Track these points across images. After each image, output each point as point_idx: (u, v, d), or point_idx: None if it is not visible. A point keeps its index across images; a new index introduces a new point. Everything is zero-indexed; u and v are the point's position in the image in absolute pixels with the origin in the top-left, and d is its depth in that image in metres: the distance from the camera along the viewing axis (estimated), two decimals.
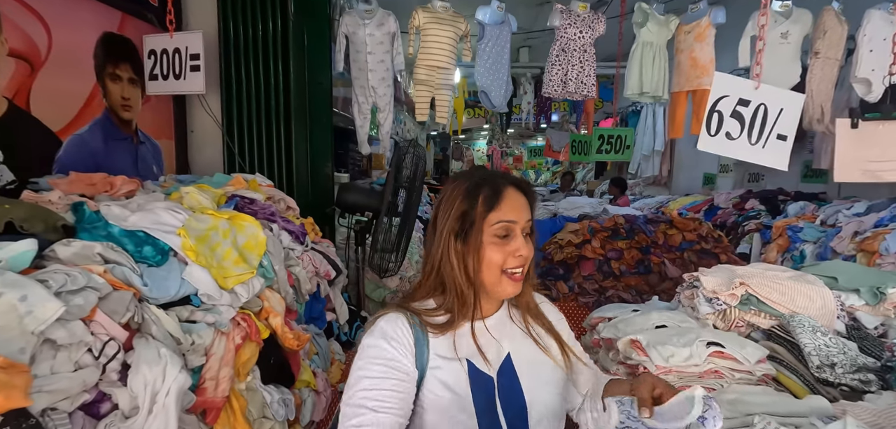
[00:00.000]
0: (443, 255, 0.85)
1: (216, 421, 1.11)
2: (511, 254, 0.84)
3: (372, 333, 0.83)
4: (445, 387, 0.81)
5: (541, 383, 0.87)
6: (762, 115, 1.53)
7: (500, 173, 0.90)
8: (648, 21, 2.41)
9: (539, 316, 0.95)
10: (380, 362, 0.78)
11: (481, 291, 0.88)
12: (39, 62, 1.60)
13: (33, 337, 0.76)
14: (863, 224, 3.17)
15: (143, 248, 1.13)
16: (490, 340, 0.88)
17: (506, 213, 0.84)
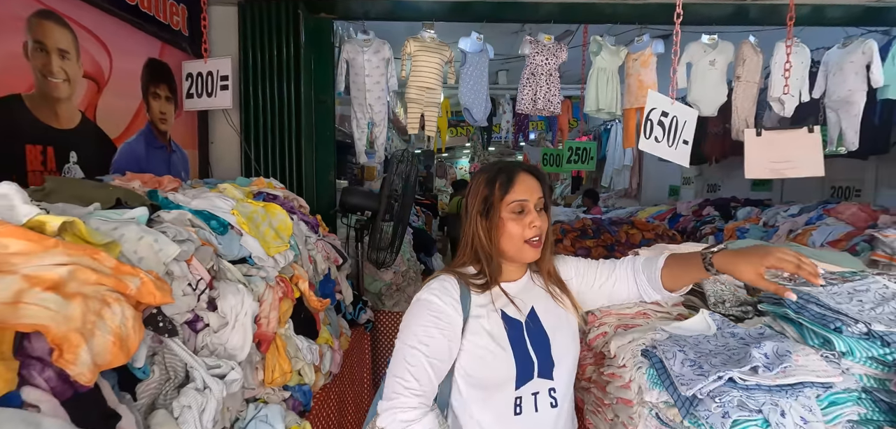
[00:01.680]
0: (473, 231, 1.08)
1: (267, 351, 1.47)
2: (527, 225, 1.05)
3: (424, 290, 1.06)
4: (485, 330, 1.03)
5: (559, 326, 1.09)
6: (675, 124, 1.99)
7: (515, 162, 1.14)
8: (602, 50, 2.90)
9: (557, 280, 1.16)
10: (430, 313, 1.01)
11: (506, 260, 1.11)
12: (104, 82, 1.96)
13: (163, 266, 1.12)
14: (796, 223, 3.71)
15: (210, 221, 1.48)
16: (517, 296, 1.09)
17: (518, 193, 1.06)
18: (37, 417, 0.72)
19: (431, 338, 0.99)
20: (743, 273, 0.96)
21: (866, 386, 0.98)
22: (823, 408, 0.93)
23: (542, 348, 1.05)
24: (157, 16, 2.26)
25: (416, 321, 1.02)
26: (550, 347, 1.06)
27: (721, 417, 0.90)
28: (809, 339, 1.07)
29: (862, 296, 1.14)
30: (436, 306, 1.02)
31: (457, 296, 1.04)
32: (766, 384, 0.93)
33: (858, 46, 2.85)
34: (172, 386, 1.10)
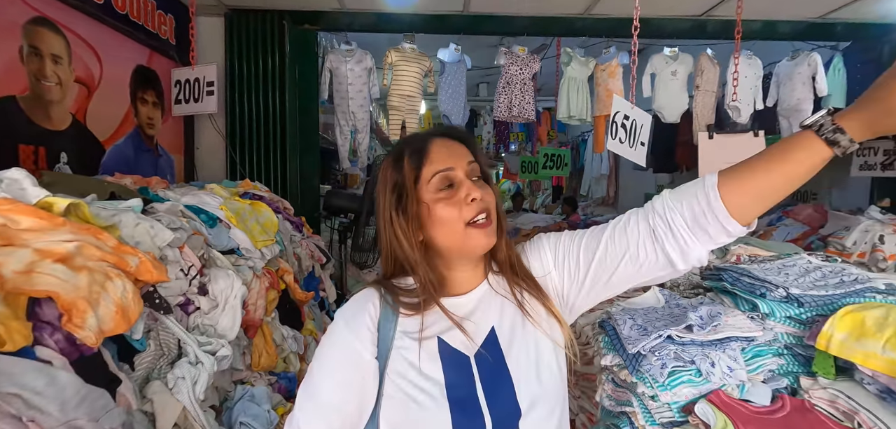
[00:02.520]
0: (389, 235, 0.77)
1: (254, 336, 1.55)
2: (463, 202, 0.73)
3: (340, 311, 0.78)
4: (411, 366, 0.72)
5: (529, 353, 0.74)
6: (634, 127, 2.17)
7: (426, 131, 0.82)
8: (572, 61, 3.09)
9: (526, 276, 0.79)
10: (337, 347, 0.75)
11: (451, 262, 0.78)
12: (94, 87, 2.03)
13: (158, 250, 1.21)
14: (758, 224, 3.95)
15: (200, 214, 1.57)
16: (468, 315, 0.77)
17: (438, 163, 0.75)
18: (51, 369, 0.81)
19: (332, 391, 0.73)
20: (891, 114, 0.58)
21: (787, 343, 1.13)
22: (748, 359, 1.07)
23: (501, 391, 0.71)
24: (145, 25, 2.35)
25: (319, 364, 0.75)
26: (514, 388, 0.72)
27: (660, 368, 1.03)
28: (741, 305, 1.22)
29: (789, 269, 1.30)
30: (342, 345, 0.74)
31: (374, 321, 0.75)
32: (699, 340, 1.07)
33: (805, 59, 3.11)
34: (166, 361, 1.18)
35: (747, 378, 1.03)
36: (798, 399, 1.02)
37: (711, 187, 0.66)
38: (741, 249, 2.02)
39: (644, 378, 1.07)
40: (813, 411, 0.98)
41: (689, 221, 0.68)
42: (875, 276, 1.22)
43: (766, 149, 0.67)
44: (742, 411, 0.97)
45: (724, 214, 0.65)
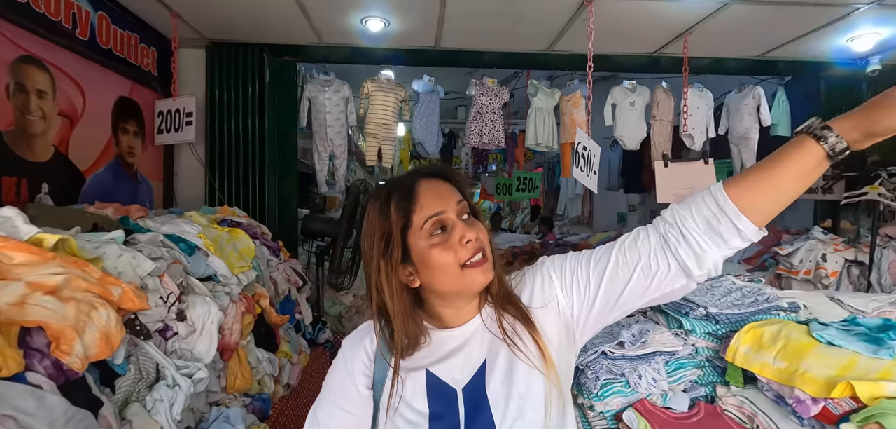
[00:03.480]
0: (375, 281, 0.77)
1: (229, 359, 1.63)
2: (458, 244, 0.74)
3: (346, 340, 0.84)
4: (401, 399, 0.75)
5: (516, 395, 0.74)
6: (589, 156, 2.35)
7: (411, 172, 0.80)
8: (539, 92, 3.29)
9: (518, 312, 0.79)
10: (335, 379, 0.82)
11: (446, 300, 0.79)
12: (77, 119, 2.11)
13: (139, 279, 1.30)
14: None
15: (179, 243, 1.66)
16: (460, 347, 0.78)
17: (428, 208, 0.74)
18: (41, 392, 0.89)
19: (331, 415, 0.80)
20: (891, 119, 0.62)
21: (707, 356, 1.28)
22: (671, 371, 1.22)
23: (483, 425, 0.74)
24: (128, 58, 2.44)
25: (325, 383, 0.83)
26: (494, 423, 0.73)
27: (594, 380, 1.17)
28: (671, 324, 1.38)
29: (715, 290, 1.47)
30: (339, 369, 0.82)
31: (369, 355, 0.80)
32: (629, 355, 1.21)
33: (750, 92, 3.39)
34: (145, 384, 1.26)
35: (668, 388, 1.18)
36: (713, 405, 1.17)
37: (719, 190, 0.68)
38: None
39: (581, 390, 1.21)
40: (722, 415, 1.13)
41: (701, 226, 0.68)
42: (783, 295, 1.39)
43: (770, 156, 0.69)
44: (661, 416, 1.11)
45: (736, 213, 0.66)
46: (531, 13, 2.52)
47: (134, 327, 1.24)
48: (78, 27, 2.09)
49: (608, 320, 0.79)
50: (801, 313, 1.31)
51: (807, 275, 3.16)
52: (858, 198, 3.05)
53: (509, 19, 2.59)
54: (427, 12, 2.50)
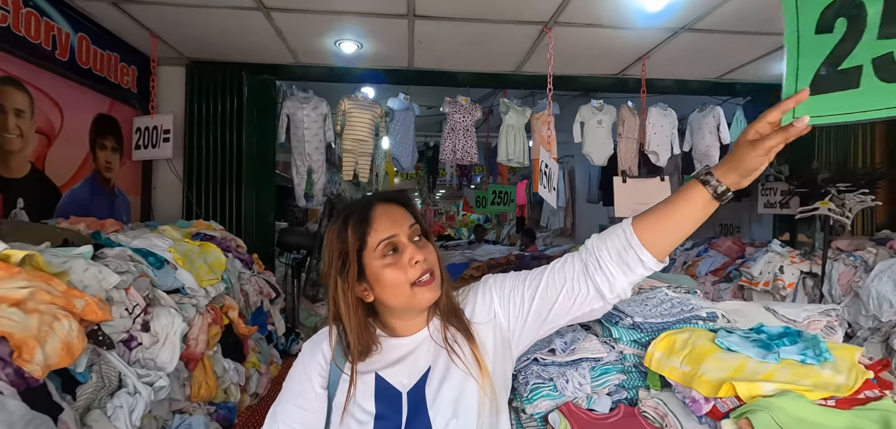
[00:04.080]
0: (337, 296, 0.83)
1: (194, 369, 1.71)
2: (408, 265, 0.81)
3: (304, 346, 0.91)
4: (352, 400, 0.82)
5: (451, 400, 0.82)
6: (550, 174, 2.48)
7: (368, 196, 0.89)
8: (510, 110, 3.43)
9: (460, 323, 0.87)
10: (295, 380, 0.88)
11: (397, 313, 0.86)
12: (54, 136, 2.19)
13: (104, 292, 1.38)
14: (688, 255, 4.34)
15: (147, 257, 1.74)
16: (407, 357, 0.86)
17: (381, 231, 0.81)
18: (1, 398, 0.97)
19: (281, 409, 0.88)
20: (749, 162, 0.73)
21: (634, 362, 1.39)
22: (597, 376, 1.33)
23: (420, 425, 0.82)
24: (108, 77, 2.53)
25: (284, 384, 0.90)
26: (430, 423, 0.81)
27: (524, 385, 1.27)
28: (604, 332, 1.49)
29: (648, 300, 1.58)
30: (297, 371, 0.88)
31: (326, 358, 0.86)
32: (558, 361, 1.31)
33: (710, 112, 3.55)
34: (107, 392, 1.34)
35: (592, 391, 1.28)
36: (632, 407, 1.28)
37: (628, 226, 0.80)
38: (645, 282, 2.32)
39: (515, 394, 1.31)
40: (638, 416, 1.23)
41: (614, 256, 0.80)
42: (705, 305, 1.51)
43: (668, 196, 0.81)
44: (582, 416, 1.21)
45: (639, 247, 0.78)
46: (497, 39, 2.66)
47: (97, 338, 1.32)
48: (57, 49, 2.18)
49: (539, 334, 0.90)
50: (718, 322, 1.43)
51: (766, 286, 3.31)
52: (811, 213, 3.22)
53: (476, 43, 2.73)
54: (397, 36, 2.63)
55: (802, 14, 0.62)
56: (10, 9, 1.90)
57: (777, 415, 0.91)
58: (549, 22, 2.44)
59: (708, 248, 4.17)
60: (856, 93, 0.68)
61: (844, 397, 0.99)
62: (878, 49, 0.65)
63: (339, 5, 2.29)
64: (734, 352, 1.14)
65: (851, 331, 2.86)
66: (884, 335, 2.66)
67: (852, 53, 0.65)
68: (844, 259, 3.09)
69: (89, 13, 2.35)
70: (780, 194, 3.67)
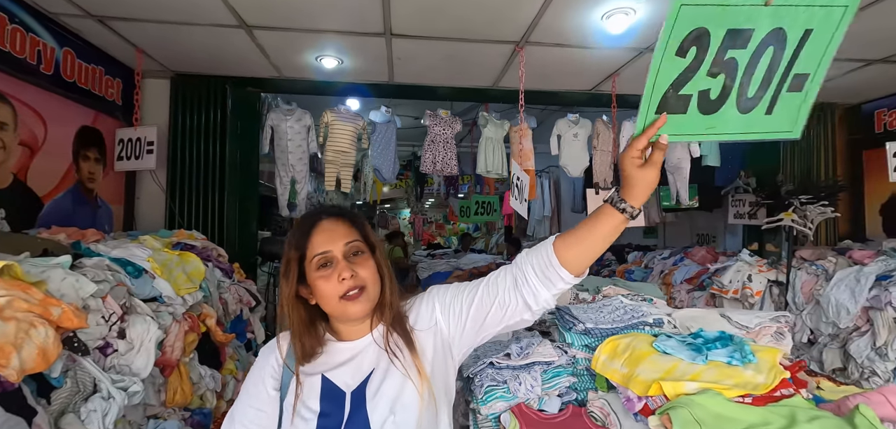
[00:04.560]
0: (282, 297, 0.94)
1: (170, 376, 1.77)
2: (337, 280, 0.88)
3: (260, 351, 0.98)
4: (300, 401, 0.88)
5: (389, 400, 0.87)
6: (521, 186, 2.59)
7: (319, 208, 0.97)
8: (489, 123, 3.54)
9: (403, 334, 0.94)
10: (250, 383, 0.95)
11: (338, 320, 0.94)
12: (37, 148, 2.24)
13: (81, 300, 1.44)
14: (665, 264, 4.46)
15: (126, 267, 1.80)
16: (352, 359, 0.92)
17: (317, 246, 0.89)
18: None
19: (239, 409, 0.94)
20: (642, 179, 0.81)
21: (585, 365, 1.48)
22: (549, 379, 1.41)
23: (360, 423, 0.87)
24: (93, 90, 2.59)
25: (243, 388, 0.97)
26: (369, 422, 0.87)
27: (480, 387, 1.36)
28: (560, 338, 1.58)
29: (603, 307, 1.68)
30: (252, 374, 0.96)
31: (279, 361, 0.94)
32: (512, 365, 1.40)
33: None
34: (81, 397, 1.40)
35: (542, 393, 1.37)
36: (580, 407, 1.37)
37: (549, 245, 0.87)
38: (611, 289, 2.42)
39: (473, 396, 1.39)
40: (584, 416, 1.32)
41: (538, 272, 0.87)
42: (654, 312, 1.61)
43: (586, 219, 0.88)
44: (532, 416, 1.30)
45: (558, 265, 0.85)
46: (472, 56, 2.77)
47: (72, 344, 1.38)
48: (42, 63, 2.24)
49: (477, 341, 0.97)
50: (664, 328, 1.53)
51: (736, 294, 3.43)
52: (776, 223, 3.35)
53: (454, 60, 2.84)
54: (376, 53, 2.73)
55: (675, 33, 0.72)
56: None
57: (695, 411, 1.01)
58: (521, 41, 2.56)
59: (683, 257, 4.30)
60: (684, 118, 0.79)
61: (761, 394, 1.09)
62: (704, 84, 0.77)
63: (319, 24, 2.38)
64: (668, 355, 1.23)
65: (813, 337, 2.98)
66: (841, 342, 2.78)
67: (689, 82, 0.76)
68: (807, 268, 3.22)
69: (75, 29, 2.42)
70: (749, 206, 3.82)
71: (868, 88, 3.26)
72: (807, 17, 0.73)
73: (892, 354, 2.45)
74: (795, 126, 0.84)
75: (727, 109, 0.78)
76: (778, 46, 0.75)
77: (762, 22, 0.72)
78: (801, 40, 0.74)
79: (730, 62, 0.75)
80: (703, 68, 0.75)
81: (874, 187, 3.63)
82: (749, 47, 0.74)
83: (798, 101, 0.83)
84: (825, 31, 0.74)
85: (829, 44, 0.76)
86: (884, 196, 3.55)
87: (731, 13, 0.71)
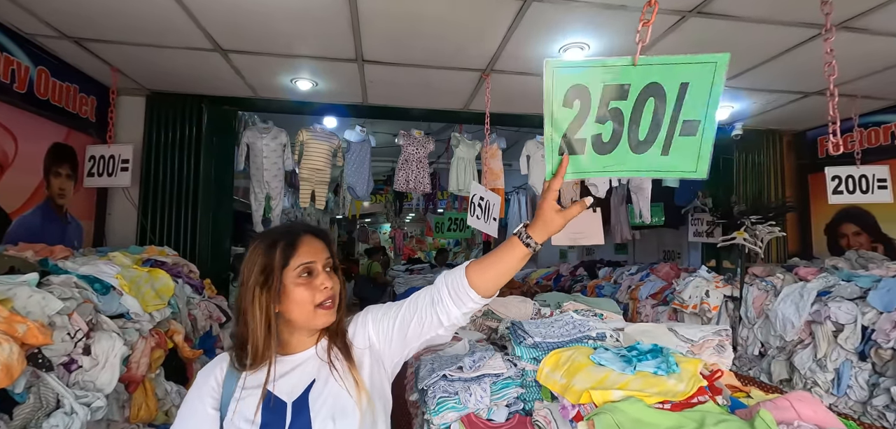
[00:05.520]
0: (248, 306, 0.96)
1: (134, 391, 1.80)
2: (318, 289, 0.97)
3: (198, 373, 1.01)
4: (240, 415, 0.93)
5: (331, 409, 0.95)
6: (488, 206, 2.71)
7: (296, 224, 1.05)
8: (460, 144, 3.68)
9: (344, 348, 1.03)
10: (188, 404, 0.98)
11: (294, 329, 1.00)
12: (7, 165, 2.26)
13: (47, 317, 1.48)
14: (632, 280, 4.62)
15: (94, 284, 1.84)
16: (294, 370, 0.99)
17: (303, 256, 0.98)
18: None
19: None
20: (551, 221, 0.94)
21: (533, 377, 1.59)
22: (498, 389, 1.51)
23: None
24: (66, 107, 2.62)
25: (179, 411, 1.00)
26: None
27: (432, 399, 1.45)
28: (511, 351, 1.68)
29: (555, 323, 1.79)
30: (191, 403, 0.98)
31: (219, 381, 0.98)
32: (464, 377, 1.49)
33: None
34: (43, 413, 1.43)
35: (491, 403, 1.46)
36: (526, 416, 1.47)
37: (461, 270, 0.99)
38: (570, 304, 2.54)
39: (426, 407, 1.48)
40: (528, 425, 1.42)
41: (451, 293, 0.99)
42: (599, 327, 1.73)
43: (498, 247, 1.00)
44: (480, 425, 1.39)
45: (468, 288, 0.97)
46: (442, 81, 2.90)
47: (36, 360, 1.42)
48: (16, 82, 2.28)
49: (405, 353, 1.07)
50: (607, 341, 1.65)
51: (694, 308, 3.60)
52: (730, 242, 3.55)
53: (425, 85, 2.96)
54: (349, 77, 2.84)
55: (556, 90, 0.85)
56: None
57: (617, 416, 1.12)
58: (487, 69, 2.71)
59: (649, 273, 4.48)
60: (582, 158, 0.93)
61: (679, 401, 1.21)
62: (594, 129, 0.90)
63: (293, 49, 2.48)
64: (602, 366, 1.35)
65: (764, 350, 3.16)
66: (787, 354, 2.95)
67: (581, 128, 0.90)
68: (758, 284, 3.42)
69: (51, 49, 2.46)
70: (706, 224, 4.03)
71: (809, 117, 3.52)
72: (680, 71, 0.86)
73: (830, 365, 2.62)
74: (698, 165, 0.97)
75: (620, 150, 0.91)
76: (658, 98, 0.88)
77: (634, 78, 0.86)
78: (681, 92, 0.88)
79: (615, 111, 0.89)
80: (591, 117, 0.88)
81: (819, 208, 3.89)
82: (629, 99, 0.88)
83: (695, 144, 0.95)
84: (702, 83, 0.88)
85: (711, 93, 0.89)
86: (828, 216, 3.81)
87: (603, 73, 0.85)
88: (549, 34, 2.26)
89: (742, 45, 2.34)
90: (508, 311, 2.50)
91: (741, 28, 2.15)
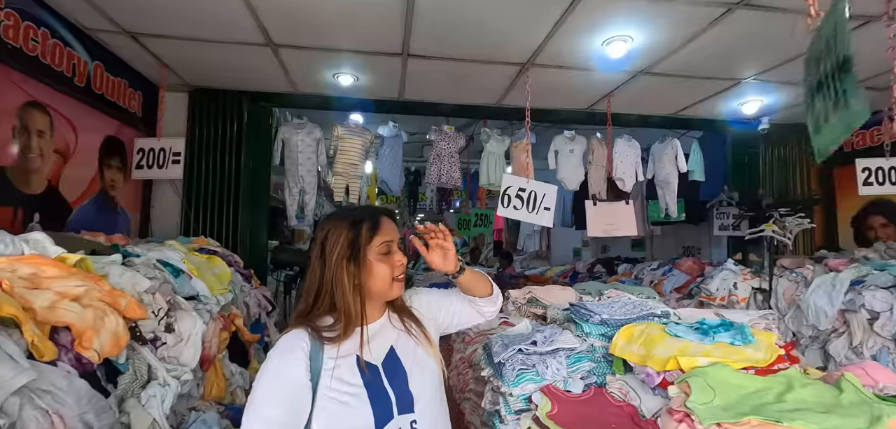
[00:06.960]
0: (335, 278, 1.05)
1: (208, 370, 1.86)
2: (395, 264, 1.11)
3: (272, 351, 1.02)
4: (340, 380, 1.00)
5: (417, 361, 1.12)
6: (533, 197, 2.76)
7: (372, 207, 1.25)
8: (491, 139, 3.74)
9: (409, 313, 1.19)
10: (274, 380, 0.97)
11: (369, 301, 1.11)
12: (69, 156, 2.33)
13: (138, 295, 1.54)
14: (654, 275, 4.67)
15: (167, 267, 1.90)
16: (376, 336, 1.11)
17: (385, 235, 1.11)
18: (71, 375, 1.13)
19: (274, 408, 0.94)
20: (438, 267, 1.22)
21: (603, 353, 1.64)
22: (572, 363, 1.57)
23: (401, 385, 1.07)
24: (118, 102, 2.69)
25: (261, 391, 0.96)
26: (408, 382, 1.07)
27: (511, 371, 1.50)
28: (577, 329, 1.74)
29: (614, 304, 1.85)
30: (280, 373, 0.98)
31: (306, 352, 1.01)
32: (540, 351, 1.55)
33: (669, 143, 3.96)
34: (138, 384, 1.49)
35: (567, 375, 1.52)
36: (601, 388, 1.52)
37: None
38: (613, 292, 2.59)
39: (504, 379, 1.53)
40: (605, 394, 1.48)
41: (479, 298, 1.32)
42: (661, 306, 1.78)
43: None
44: (561, 396, 1.45)
45: (472, 298, 1.31)
46: (480, 76, 2.97)
47: (135, 333, 1.48)
48: (76, 75, 2.34)
49: (450, 330, 1.35)
50: (670, 318, 1.70)
51: (722, 301, 3.65)
52: (758, 234, 3.61)
53: (462, 79, 3.03)
54: (390, 71, 2.91)
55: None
56: (40, 40, 2.07)
57: (708, 379, 1.18)
58: (527, 63, 2.77)
59: (672, 268, 4.53)
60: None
61: (762, 367, 1.26)
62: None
63: (343, 44, 2.55)
64: (679, 337, 1.41)
65: (796, 340, 3.21)
66: (821, 343, 3.00)
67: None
68: (788, 275, 3.47)
69: (107, 44, 2.53)
70: (733, 218, 4.09)
71: None
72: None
73: (866, 352, 2.67)
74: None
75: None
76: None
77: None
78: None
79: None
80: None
81: (845, 202, 3.95)
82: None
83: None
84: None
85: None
86: (853, 210, 3.86)
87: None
88: (595, 27, 2.33)
89: (782, 37, 2.41)
90: (552, 297, 2.56)
91: (786, 20, 2.21)
